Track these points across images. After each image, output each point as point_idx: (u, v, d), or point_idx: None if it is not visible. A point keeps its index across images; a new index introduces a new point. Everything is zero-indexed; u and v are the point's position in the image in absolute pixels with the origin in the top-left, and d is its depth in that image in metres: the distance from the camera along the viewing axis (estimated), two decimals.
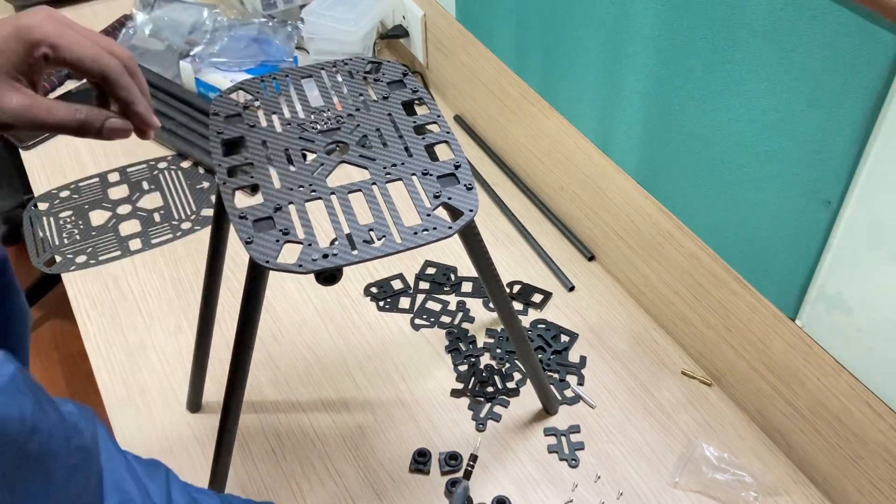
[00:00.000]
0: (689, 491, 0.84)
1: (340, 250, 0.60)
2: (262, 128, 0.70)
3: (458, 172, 0.66)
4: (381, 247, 0.61)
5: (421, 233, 0.62)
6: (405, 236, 0.62)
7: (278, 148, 0.68)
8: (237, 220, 0.62)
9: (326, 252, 0.60)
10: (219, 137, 0.69)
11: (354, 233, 0.62)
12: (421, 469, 0.86)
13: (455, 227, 0.62)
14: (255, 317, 0.66)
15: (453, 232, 0.62)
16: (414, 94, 0.73)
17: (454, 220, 0.63)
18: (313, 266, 0.60)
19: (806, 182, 0.73)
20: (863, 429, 0.76)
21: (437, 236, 0.62)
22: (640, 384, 0.94)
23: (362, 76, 0.75)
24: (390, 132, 0.70)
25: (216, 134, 0.69)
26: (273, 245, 0.61)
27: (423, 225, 0.62)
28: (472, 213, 0.63)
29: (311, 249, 0.60)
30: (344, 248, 0.61)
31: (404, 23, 1.34)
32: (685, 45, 0.79)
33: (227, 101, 0.72)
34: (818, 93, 0.68)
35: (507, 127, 1.18)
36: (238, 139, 0.69)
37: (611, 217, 1.01)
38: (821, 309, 0.77)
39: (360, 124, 0.70)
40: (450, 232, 0.62)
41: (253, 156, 0.67)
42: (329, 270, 0.60)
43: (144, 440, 0.89)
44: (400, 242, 0.61)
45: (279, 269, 0.59)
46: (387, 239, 0.61)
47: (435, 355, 0.97)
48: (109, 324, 1.01)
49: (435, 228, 0.62)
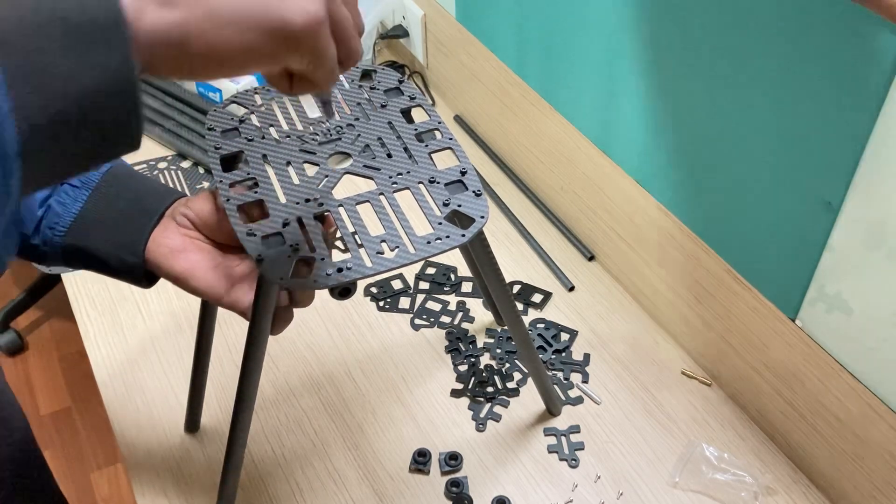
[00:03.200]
0: (689, 491, 0.84)
1: (354, 263, 0.59)
2: (260, 141, 0.68)
3: (465, 179, 0.66)
4: (396, 258, 0.60)
5: (434, 241, 0.61)
6: (419, 246, 0.61)
7: (280, 161, 0.67)
8: (245, 237, 0.60)
9: (340, 266, 0.59)
10: (217, 153, 0.67)
11: (367, 245, 0.61)
12: (421, 469, 0.86)
13: (468, 235, 0.61)
14: (263, 335, 0.65)
15: (467, 239, 0.61)
16: (412, 101, 0.72)
17: (465, 228, 0.62)
18: (328, 281, 0.58)
19: (806, 182, 0.73)
20: (863, 429, 0.76)
21: (450, 244, 0.61)
22: (640, 384, 0.94)
23: (357, 84, 0.74)
24: (392, 141, 0.69)
25: (214, 149, 0.67)
26: (284, 261, 0.59)
27: (436, 233, 0.61)
28: (484, 219, 0.62)
29: (324, 264, 0.59)
30: (358, 261, 0.59)
31: (404, 23, 1.34)
32: (685, 46, 0.79)
33: (222, 114, 0.70)
34: (818, 93, 0.68)
35: (507, 127, 1.18)
36: (237, 154, 0.68)
37: (611, 217, 1.02)
38: (821, 309, 0.77)
39: (361, 134, 0.69)
40: (463, 240, 0.61)
41: (254, 170, 0.66)
42: (344, 284, 0.59)
43: (144, 440, 0.89)
44: (414, 252, 0.60)
45: (294, 286, 0.58)
46: (400, 249, 0.60)
47: (435, 355, 0.97)
48: (109, 324, 1.01)
49: (448, 237, 0.61)
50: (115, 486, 1.92)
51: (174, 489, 0.84)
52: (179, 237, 0.68)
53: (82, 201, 0.68)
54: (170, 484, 0.85)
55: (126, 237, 0.67)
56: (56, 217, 0.68)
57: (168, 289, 1.05)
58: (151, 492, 0.84)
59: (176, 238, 0.67)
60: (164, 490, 0.84)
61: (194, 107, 1.27)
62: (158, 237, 0.67)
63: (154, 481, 0.85)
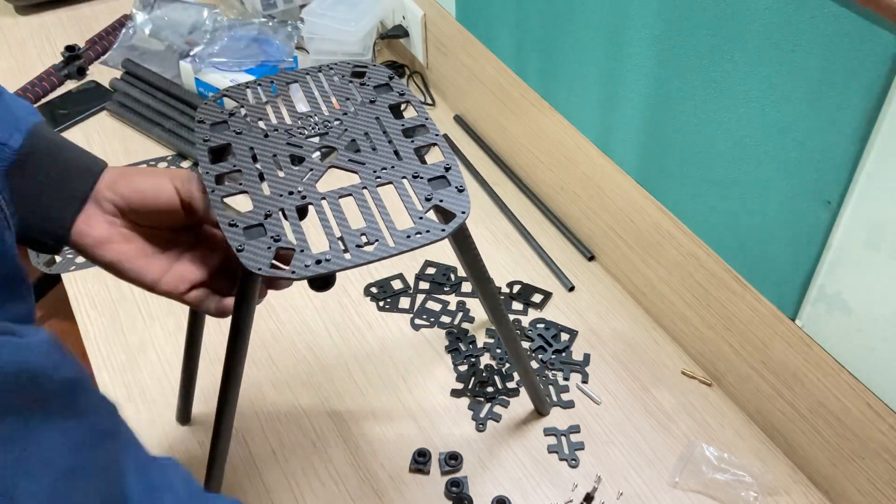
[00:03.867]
0: (688, 491, 0.84)
1: (333, 255, 0.60)
2: (248, 134, 0.69)
3: (448, 175, 0.66)
4: (375, 251, 0.61)
5: (414, 236, 0.62)
6: (398, 240, 0.61)
7: (266, 154, 0.68)
8: (227, 227, 0.61)
9: (319, 258, 0.60)
10: (205, 145, 0.68)
11: (347, 237, 0.62)
12: (421, 469, 0.86)
13: (448, 230, 0.62)
14: (247, 323, 0.66)
15: (446, 234, 0.62)
16: (401, 97, 0.73)
17: (446, 223, 0.63)
18: (306, 272, 0.59)
19: (806, 182, 0.73)
20: (863, 429, 0.76)
21: (430, 239, 0.61)
22: (640, 384, 0.94)
23: (348, 80, 0.74)
24: (378, 136, 0.69)
25: (202, 142, 0.68)
26: (265, 252, 0.60)
27: (416, 228, 0.62)
28: (465, 214, 0.63)
29: (303, 255, 0.60)
30: (337, 254, 0.60)
31: (404, 23, 1.34)
32: (685, 45, 0.79)
33: (212, 108, 0.71)
34: (818, 93, 0.68)
35: (507, 127, 1.18)
36: (225, 146, 0.68)
37: (611, 217, 1.02)
38: (821, 309, 0.77)
39: (348, 129, 0.70)
40: (442, 234, 0.62)
41: (241, 163, 0.67)
42: (322, 276, 0.60)
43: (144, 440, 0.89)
44: (393, 246, 0.61)
45: (271, 276, 0.59)
46: (380, 243, 0.61)
47: (435, 355, 0.97)
48: (109, 324, 1.01)
49: (428, 231, 0.62)
50: None
51: None
52: (105, 226, 0.65)
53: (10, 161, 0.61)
54: None
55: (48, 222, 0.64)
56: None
57: None
58: None
59: (101, 227, 0.65)
60: None
61: (194, 107, 1.27)
62: (83, 226, 0.65)
63: None
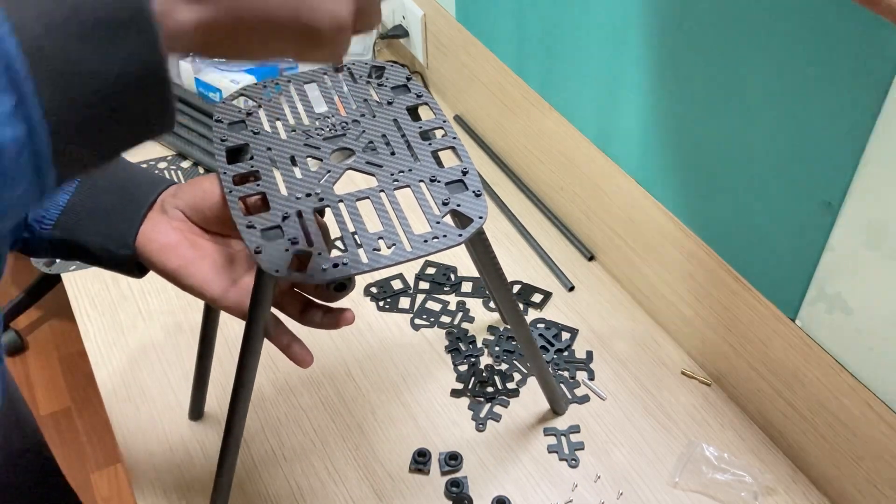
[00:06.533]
0: (688, 491, 0.84)
1: (350, 259, 0.60)
2: (266, 134, 0.69)
3: (466, 179, 0.66)
4: (392, 255, 0.60)
5: (431, 240, 0.61)
6: (415, 244, 0.61)
7: (284, 155, 0.67)
8: (245, 229, 0.61)
9: (336, 261, 0.59)
10: (223, 145, 0.68)
11: (364, 241, 0.61)
12: (421, 469, 0.86)
13: (465, 235, 0.62)
14: (261, 325, 0.66)
15: (464, 239, 0.61)
16: (418, 98, 0.72)
17: (463, 227, 0.62)
18: (324, 276, 0.59)
19: (806, 182, 0.73)
20: (863, 429, 0.76)
21: (447, 244, 0.61)
22: (640, 384, 0.94)
23: (365, 80, 0.74)
24: (396, 138, 0.69)
25: (220, 141, 0.68)
26: (282, 254, 0.59)
27: (433, 232, 0.62)
28: (482, 220, 0.63)
29: (320, 258, 0.60)
30: (354, 257, 0.60)
31: (404, 23, 1.34)
32: (685, 46, 0.79)
33: (230, 107, 0.71)
34: (818, 93, 0.68)
35: (507, 127, 1.18)
36: (242, 146, 0.68)
37: (611, 217, 1.02)
38: (821, 309, 0.77)
39: (366, 130, 0.70)
40: (460, 239, 0.61)
41: (258, 164, 0.66)
42: (339, 279, 0.60)
43: (144, 440, 0.89)
44: (410, 250, 0.60)
45: (289, 278, 0.59)
46: (397, 247, 0.61)
47: (435, 355, 0.97)
48: (109, 324, 1.01)
49: (445, 236, 0.61)
50: (115, 486, 1.92)
51: (174, 489, 0.85)
52: (171, 231, 0.66)
53: (69, 193, 0.66)
54: (170, 484, 0.85)
55: (115, 230, 0.66)
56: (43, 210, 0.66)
57: (168, 289, 1.05)
58: (151, 492, 0.84)
59: (167, 232, 0.66)
60: (164, 490, 0.84)
61: (194, 107, 1.27)
62: (149, 231, 0.66)
63: (154, 481, 0.85)
